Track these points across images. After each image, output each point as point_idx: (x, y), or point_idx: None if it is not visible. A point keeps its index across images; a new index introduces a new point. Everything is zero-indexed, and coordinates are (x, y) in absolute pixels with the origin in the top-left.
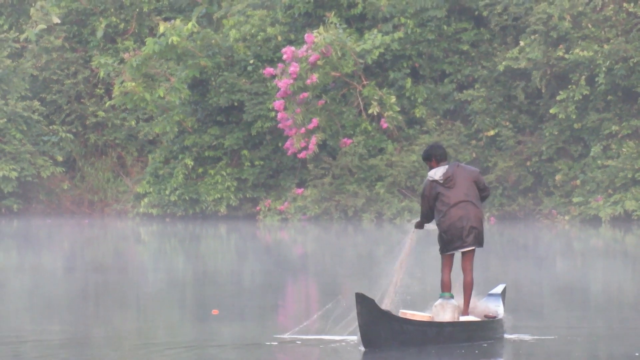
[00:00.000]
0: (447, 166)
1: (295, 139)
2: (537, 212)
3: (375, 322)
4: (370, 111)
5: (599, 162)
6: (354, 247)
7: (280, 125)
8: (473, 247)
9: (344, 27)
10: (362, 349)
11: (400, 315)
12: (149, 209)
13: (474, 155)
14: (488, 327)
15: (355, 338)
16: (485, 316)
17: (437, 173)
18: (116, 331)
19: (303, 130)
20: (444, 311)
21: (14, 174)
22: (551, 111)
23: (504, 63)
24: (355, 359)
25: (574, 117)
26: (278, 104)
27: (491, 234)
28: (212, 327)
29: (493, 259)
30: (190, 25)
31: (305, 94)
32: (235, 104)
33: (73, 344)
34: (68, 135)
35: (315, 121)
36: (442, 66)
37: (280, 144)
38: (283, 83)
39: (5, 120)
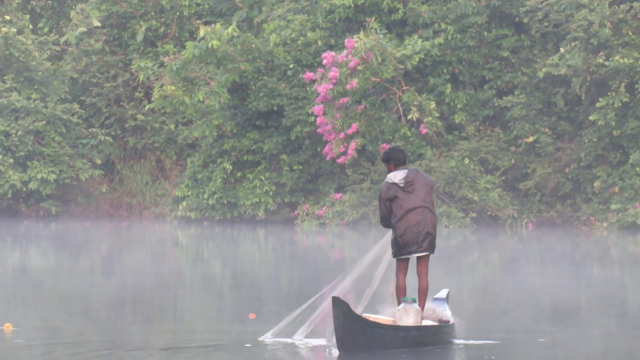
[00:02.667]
0: (406, 170)
1: (334, 143)
2: (575, 218)
3: (350, 326)
4: (409, 117)
5: (637, 169)
6: None
7: (319, 130)
8: (428, 253)
9: (385, 33)
10: (335, 351)
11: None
12: (187, 213)
13: (512, 161)
14: (446, 332)
15: (324, 340)
16: (440, 320)
17: (396, 176)
18: (152, 334)
19: (342, 135)
20: (407, 315)
21: (53, 177)
22: (590, 118)
23: (544, 70)
24: None
25: (613, 124)
26: (317, 108)
27: (529, 240)
28: (240, 328)
29: (527, 265)
30: (230, 29)
31: (345, 99)
32: (275, 108)
33: (109, 347)
34: (107, 138)
35: (355, 126)
36: (482, 72)
37: (319, 149)
38: (323, 88)
39: (44, 122)
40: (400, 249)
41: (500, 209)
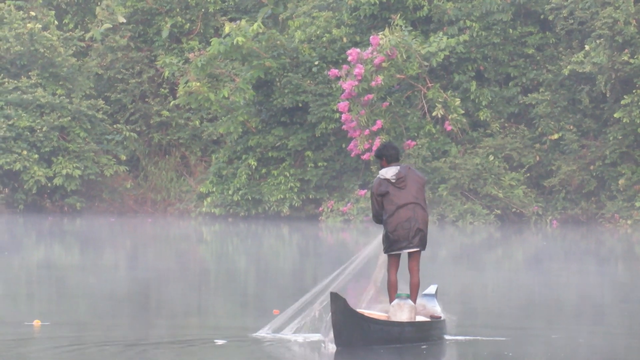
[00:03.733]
0: (399, 167)
1: (359, 140)
2: (599, 216)
3: (348, 322)
4: (434, 113)
5: None
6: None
7: (344, 127)
8: (418, 249)
9: (410, 30)
10: (332, 346)
11: None
12: (212, 209)
13: (537, 158)
14: (438, 327)
15: (319, 335)
16: (431, 316)
17: (388, 172)
18: (175, 330)
19: (367, 131)
20: (402, 311)
21: (78, 173)
22: (615, 115)
23: (568, 67)
24: (328, 357)
25: (638, 121)
26: (342, 105)
27: (553, 237)
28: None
29: (550, 262)
30: (255, 26)
31: (370, 96)
32: (300, 105)
33: (132, 343)
34: (132, 134)
35: (380, 123)
36: (507, 69)
37: (344, 146)
38: (348, 84)
39: (69, 118)
40: (391, 245)
41: (524, 206)
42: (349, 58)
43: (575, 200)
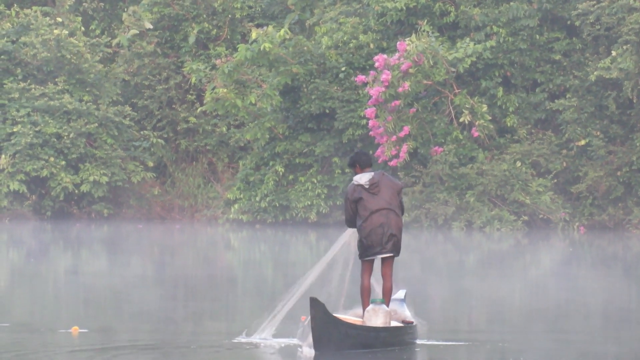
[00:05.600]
0: (373, 173)
1: (386, 146)
2: (626, 222)
3: (327, 327)
4: (461, 120)
5: None
6: (444, 255)
7: (371, 133)
8: (392, 254)
9: (437, 36)
10: (309, 351)
11: None
12: (239, 215)
13: (564, 164)
14: (411, 332)
15: (295, 340)
16: (403, 321)
17: (362, 178)
18: (201, 336)
19: (394, 138)
20: (376, 316)
21: (105, 179)
22: None
23: (595, 73)
24: None
25: None
26: (369, 111)
27: (580, 244)
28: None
29: (577, 269)
30: (282, 32)
31: (397, 102)
32: (327, 111)
33: (160, 349)
34: (159, 140)
35: (407, 129)
36: (533, 75)
37: (371, 152)
38: (375, 91)
39: (96, 125)
40: (365, 250)
41: (552, 212)
42: (376, 64)
43: (602, 206)
